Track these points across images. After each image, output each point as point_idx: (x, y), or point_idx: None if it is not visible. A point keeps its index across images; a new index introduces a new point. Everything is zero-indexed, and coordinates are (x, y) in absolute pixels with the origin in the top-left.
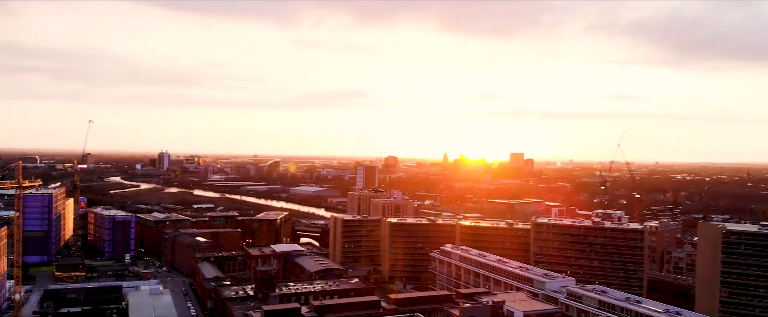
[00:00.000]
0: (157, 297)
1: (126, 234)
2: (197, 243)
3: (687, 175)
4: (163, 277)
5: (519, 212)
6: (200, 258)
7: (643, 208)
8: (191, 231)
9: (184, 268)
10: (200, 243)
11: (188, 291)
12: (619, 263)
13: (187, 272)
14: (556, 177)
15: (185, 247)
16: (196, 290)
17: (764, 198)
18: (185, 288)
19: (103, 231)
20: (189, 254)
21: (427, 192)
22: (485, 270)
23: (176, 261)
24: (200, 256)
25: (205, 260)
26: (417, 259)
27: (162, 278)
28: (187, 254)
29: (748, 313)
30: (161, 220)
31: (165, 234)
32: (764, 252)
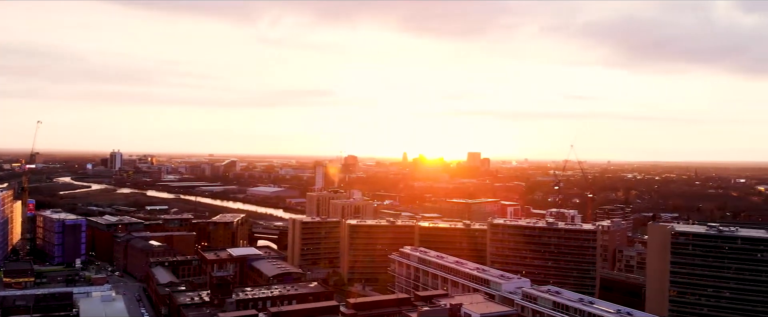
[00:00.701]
0: (110, 304)
1: (76, 238)
2: (151, 248)
3: (638, 174)
4: (116, 283)
5: (476, 212)
6: (154, 262)
7: (595, 207)
8: (144, 235)
9: (138, 273)
10: (154, 248)
11: (142, 297)
12: (573, 263)
13: (141, 277)
14: (511, 176)
15: (138, 251)
16: (150, 296)
17: (711, 197)
18: (139, 293)
19: (53, 235)
20: (142, 258)
21: (387, 192)
22: (443, 272)
23: (129, 266)
24: (154, 261)
25: (159, 265)
26: (376, 261)
27: (114, 283)
28: (141, 258)
29: (696, 312)
30: (113, 223)
31: (117, 237)
32: (711, 252)
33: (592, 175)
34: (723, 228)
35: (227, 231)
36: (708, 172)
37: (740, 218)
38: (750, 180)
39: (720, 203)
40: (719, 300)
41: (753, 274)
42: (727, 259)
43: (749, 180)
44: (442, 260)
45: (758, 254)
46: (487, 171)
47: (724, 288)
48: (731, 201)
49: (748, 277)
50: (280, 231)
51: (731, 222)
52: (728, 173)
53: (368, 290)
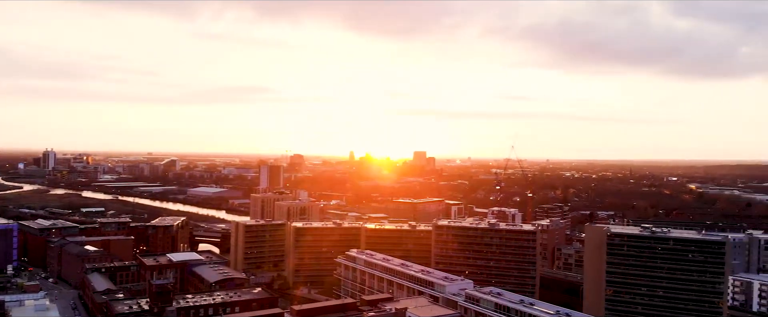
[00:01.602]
0: (43, 313)
1: (7, 243)
2: (86, 253)
3: (575, 172)
4: (50, 290)
5: (421, 211)
6: (90, 269)
7: (535, 206)
8: (80, 240)
9: (73, 280)
10: (90, 253)
11: (77, 304)
12: (514, 263)
13: (76, 284)
14: (455, 174)
15: (73, 257)
16: (86, 304)
17: (645, 195)
18: (74, 301)
19: None
20: (78, 264)
21: (334, 192)
22: (389, 275)
23: (64, 273)
24: (90, 267)
25: (96, 271)
26: (323, 263)
27: (48, 291)
28: (76, 264)
29: (631, 310)
30: (47, 228)
31: (51, 242)
32: (645, 252)
33: (532, 174)
34: (656, 230)
35: (167, 235)
36: (642, 171)
37: (672, 216)
38: (681, 179)
39: (653, 201)
40: (653, 299)
41: (684, 274)
42: (660, 259)
43: (681, 178)
44: (388, 263)
45: (689, 254)
46: (433, 170)
47: (657, 287)
48: (664, 200)
49: (679, 277)
50: (222, 234)
51: (664, 220)
52: (661, 171)
53: (314, 293)
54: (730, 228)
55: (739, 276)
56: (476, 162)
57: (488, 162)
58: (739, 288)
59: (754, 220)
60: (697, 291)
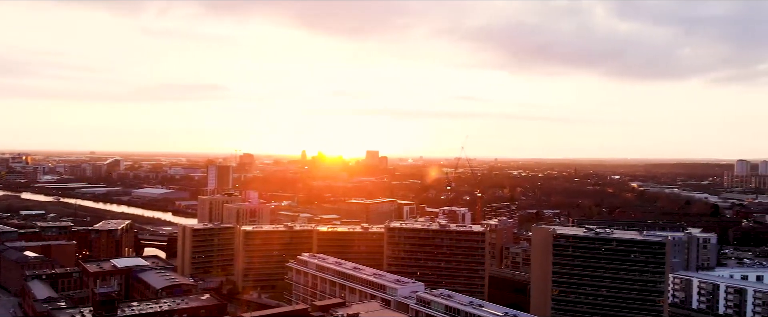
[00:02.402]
0: None
1: None
2: (26, 259)
3: (523, 171)
4: None
5: (374, 212)
6: (30, 275)
7: (484, 205)
8: (19, 245)
9: (12, 287)
10: (30, 259)
11: (17, 314)
12: (464, 263)
13: (15, 292)
14: (407, 174)
15: (12, 264)
16: (26, 313)
17: (589, 194)
18: (14, 309)
19: None
20: (17, 271)
21: (285, 192)
22: (341, 279)
23: (2, 280)
24: (30, 274)
25: (36, 278)
26: (273, 267)
27: None
28: (15, 271)
29: (576, 309)
30: None
31: None
32: (589, 253)
33: (481, 173)
34: (600, 231)
35: (111, 240)
36: (587, 169)
37: (615, 214)
38: (624, 177)
39: (597, 200)
40: (597, 298)
41: (627, 273)
42: (604, 260)
43: (623, 177)
44: (340, 266)
45: (631, 255)
46: (385, 170)
47: (601, 286)
48: (607, 198)
49: (622, 276)
50: (169, 238)
51: (607, 219)
52: (605, 170)
53: (264, 298)
54: (670, 227)
55: (678, 274)
56: (428, 161)
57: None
58: (678, 285)
59: (693, 218)
60: (639, 290)
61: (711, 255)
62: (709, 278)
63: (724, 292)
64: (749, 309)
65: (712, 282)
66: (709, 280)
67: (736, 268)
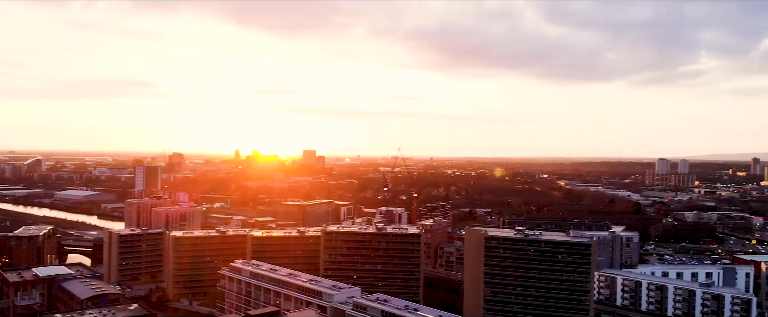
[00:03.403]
0: None
1: None
2: None
3: (456, 170)
4: None
5: (311, 214)
6: None
7: (419, 205)
8: None
9: None
10: None
11: None
12: (400, 265)
13: None
14: (345, 173)
15: None
16: None
17: (519, 192)
18: None
19: None
20: None
21: (218, 194)
22: (276, 286)
23: None
24: None
25: None
26: (205, 274)
27: None
28: None
29: (507, 309)
30: None
31: None
32: (519, 254)
33: (417, 172)
34: (529, 233)
35: (32, 247)
36: (517, 168)
37: (544, 212)
38: (552, 176)
39: (527, 198)
40: (527, 298)
41: (555, 274)
42: (533, 261)
43: (551, 175)
44: (275, 273)
45: (559, 255)
46: (322, 169)
47: (530, 286)
48: (536, 196)
49: (551, 276)
50: (94, 244)
51: (536, 218)
52: (533, 168)
53: (196, 305)
54: (595, 226)
55: (603, 272)
56: (365, 160)
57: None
58: (603, 283)
59: (617, 216)
60: (566, 289)
61: (634, 253)
62: (631, 276)
63: (646, 289)
64: (670, 305)
65: (634, 279)
66: (632, 278)
67: (657, 265)
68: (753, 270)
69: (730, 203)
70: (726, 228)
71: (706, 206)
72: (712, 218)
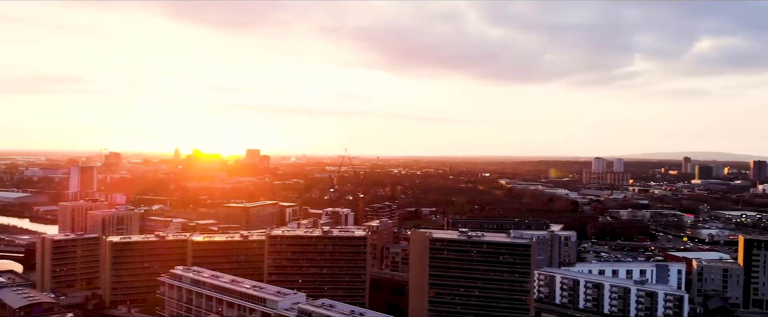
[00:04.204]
0: None
1: None
2: None
3: (402, 169)
4: None
5: (255, 215)
6: None
7: (366, 205)
8: None
9: None
10: None
11: None
12: (346, 268)
13: None
14: (290, 173)
15: None
16: None
17: (462, 191)
18: None
19: None
20: None
21: (156, 195)
22: (218, 293)
23: None
24: None
25: None
26: (144, 280)
27: None
28: None
29: (451, 310)
30: None
31: None
32: (463, 256)
33: (364, 171)
34: (472, 234)
35: None
36: (460, 167)
37: (486, 211)
38: (494, 175)
39: (470, 197)
40: (470, 299)
41: (497, 274)
42: (475, 262)
43: (493, 174)
44: (217, 280)
45: (500, 256)
46: (267, 169)
47: (473, 287)
48: (479, 195)
49: (492, 277)
50: (26, 249)
51: (479, 217)
52: (476, 167)
53: (135, 312)
54: (535, 225)
55: (543, 270)
56: (311, 159)
57: (323, 159)
58: (543, 281)
59: (556, 215)
60: (507, 289)
61: (571, 252)
62: (570, 274)
63: (584, 287)
64: (606, 302)
65: (573, 277)
66: (570, 276)
67: (594, 263)
68: (684, 267)
69: (663, 201)
70: (659, 226)
71: (640, 204)
72: (645, 216)
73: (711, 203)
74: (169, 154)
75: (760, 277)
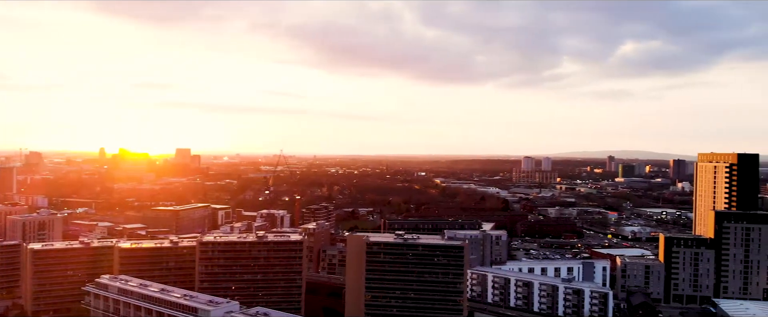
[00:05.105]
0: None
1: None
2: None
3: (340, 168)
4: None
5: (185, 219)
6: None
7: (302, 206)
8: None
9: None
10: None
11: None
12: (281, 274)
13: None
14: (223, 173)
15: None
16: None
17: (399, 191)
18: None
19: None
20: None
21: (81, 197)
22: (147, 303)
23: None
24: None
25: None
26: (68, 289)
27: None
28: None
29: (387, 313)
30: None
31: None
32: (399, 259)
33: (300, 170)
34: (408, 237)
35: None
36: (396, 166)
37: (422, 210)
38: (429, 173)
39: (406, 197)
40: (406, 301)
41: (431, 276)
42: (411, 264)
43: (428, 173)
44: (146, 289)
45: (435, 258)
46: (198, 169)
47: (409, 289)
48: (415, 195)
49: (427, 279)
50: None
51: (415, 216)
52: (412, 166)
53: None
54: (468, 225)
55: (475, 269)
56: (245, 158)
57: (258, 158)
58: (476, 280)
59: (487, 213)
60: (442, 291)
61: (503, 251)
62: (501, 273)
63: (514, 286)
64: (536, 300)
65: (504, 276)
66: (502, 275)
67: (524, 261)
68: (609, 264)
69: (588, 199)
70: (585, 223)
71: (567, 202)
72: (572, 213)
73: (634, 201)
74: (95, 153)
75: (679, 273)
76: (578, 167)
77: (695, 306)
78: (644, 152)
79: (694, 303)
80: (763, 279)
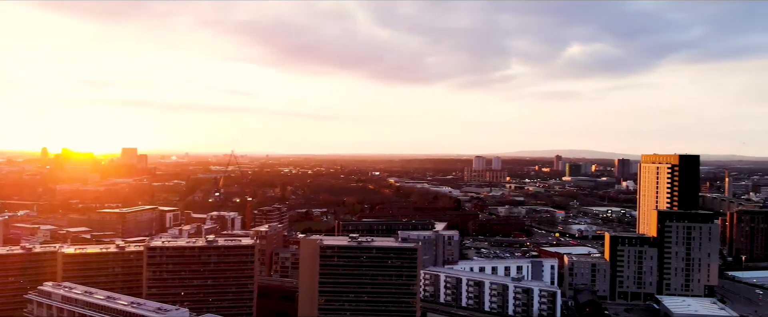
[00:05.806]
0: None
1: None
2: None
3: (293, 168)
4: None
5: (132, 222)
6: None
7: (254, 208)
8: None
9: None
10: None
11: None
12: (232, 279)
13: None
14: (171, 173)
15: None
16: None
17: (353, 191)
18: None
19: None
20: None
21: (21, 199)
22: (93, 311)
23: None
24: None
25: None
26: (8, 297)
27: None
28: None
29: (341, 316)
30: None
31: None
32: (353, 261)
33: (252, 170)
34: (362, 240)
35: None
36: (350, 165)
37: (376, 210)
38: (383, 173)
39: (360, 197)
40: (359, 304)
41: (385, 278)
42: (365, 267)
43: (382, 172)
44: (91, 297)
45: (389, 261)
46: (145, 169)
47: (362, 292)
48: (369, 195)
49: (381, 281)
50: None
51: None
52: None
53: None
54: (421, 225)
55: (428, 269)
56: (195, 158)
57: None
58: (428, 281)
59: (440, 212)
60: (395, 293)
61: (455, 250)
62: (453, 273)
63: (466, 285)
64: (487, 299)
65: (455, 276)
66: (454, 275)
67: (475, 260)
68: (557, 262)
69: (537, 197)
70: (533, 222)
71: (516, 201)
72: (521, 212)
73: (580, 199)
74: (36, 152)
75: (624, 271)
76: (527, 166)
77: (640, 302)
78: (590, 151)
79: (639, 300)
80: (704, 277)
